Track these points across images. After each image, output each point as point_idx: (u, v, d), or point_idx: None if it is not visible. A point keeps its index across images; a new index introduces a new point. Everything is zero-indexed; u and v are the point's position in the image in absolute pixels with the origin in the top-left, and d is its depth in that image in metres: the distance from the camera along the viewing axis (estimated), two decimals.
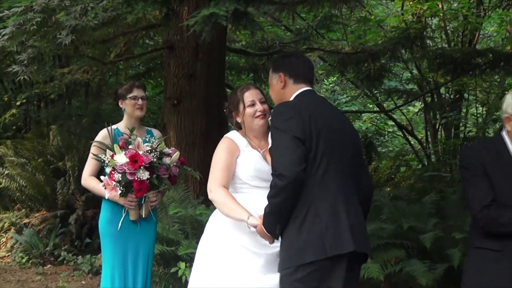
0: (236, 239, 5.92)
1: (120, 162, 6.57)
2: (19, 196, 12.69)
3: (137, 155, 6.56)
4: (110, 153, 6.70)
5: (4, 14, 8.33)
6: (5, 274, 11.07)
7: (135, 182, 6.61)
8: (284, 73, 5.53)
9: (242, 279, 6.00)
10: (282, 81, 5.54)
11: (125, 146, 6.70)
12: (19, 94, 13.76)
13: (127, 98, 7.16)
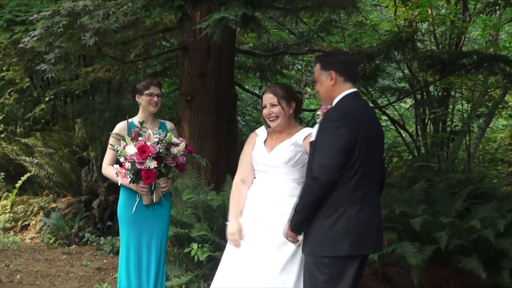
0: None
1: (130, 153, 6.73)
2: (47, 182, 12.70)
3: (145, 146, 6.69)
4: (123, 144, 6.84)
5: (33, 17, 8.32)
6: (34, 254, 11.09)
7: (143, 171, 6.74)
8: (335, 71, 5.51)
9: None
10: (332, 78, 5.51)
11: (137, 138, 6.81)
12: (47, 90, 13.75)
13: (144, 93, 7.26)
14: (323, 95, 5.65)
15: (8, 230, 12.56)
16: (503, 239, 8.38)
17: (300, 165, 6.06)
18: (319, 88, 5.65)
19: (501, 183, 13.04)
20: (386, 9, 14.57)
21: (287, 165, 6.07)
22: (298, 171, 6.06)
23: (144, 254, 7.31)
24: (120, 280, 7.43)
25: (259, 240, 6.08)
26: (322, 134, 5.31)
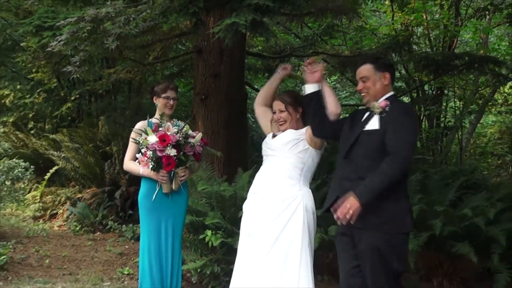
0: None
1: (151, 142, 6.80)
2: (74, 175, 12.73)
3: (165, 135, 6.78)
4: (144, 135, 6.90)
5: (60, 23, 8.32)
6: (62, 240, 11.13)
7: (164, 158, 6.80)
8: (390, 74, 5.71)
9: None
10: (387, 80, 5.66)
11: (157, 129, 6.89)
12: (73, 90, 13.77)
13: (161, 96, 7.33)
14: (374, 92, 5.66)
15: (38, 218, 12.60)
16: (493, 226, 8.40)
17: (298, 151, 6.13)
18: (371, 85, 5.67)
19: (491, 174, 13.03)
20: (384, 15, 14.55)
21: (286, 148, 6.17)
22: (295, 156, 6.14)
23: (163, 240, 7.32)
24: (141, 264, 7.46)
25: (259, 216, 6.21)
26: (404, 120, 5.47)
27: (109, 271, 9.47)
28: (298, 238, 5.97)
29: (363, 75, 5.72)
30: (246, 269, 6.22)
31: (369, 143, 5.51)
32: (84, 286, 8.55)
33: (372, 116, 5.57)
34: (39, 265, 9.56)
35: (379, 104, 5.54)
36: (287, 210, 6.02)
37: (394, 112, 5.48)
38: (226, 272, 8.47)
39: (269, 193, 6.12)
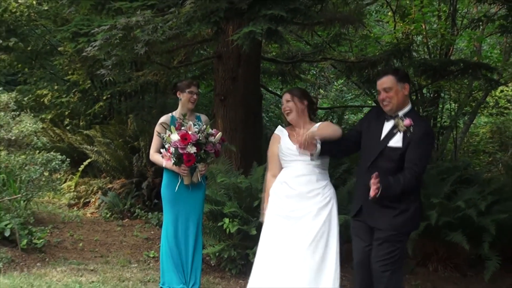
0: (271, 209, 6.34)
1: (174, 139, 6.91)
2: (105, 167, 12.76)
3: (186, 134, 6.88)
4: (168, 132, 7.01)
5: (94, 30, 8.35)
6: (94, 226, 11.16)
7: (184, 155, 6.91)
8: (409, 84, 5.85)
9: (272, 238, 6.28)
10: (407, 90, 5.77)
11: (180, 127, 6.99)
12: (105, 90, 13.81)
13: (185, 91, 7.42)
14: (396, 102, 5.72)
15: (72, 206, 12.64)
16: (484, 217, 8.43)
17: (319, 154, 6.13)
18: (394, 95, 5.71)
19: (483, 170, 12.98)
20: (387, 24, 14.49)
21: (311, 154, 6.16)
22: (321, 159, 6.20)
23: (183, 226, 7.41)
24: (163, 248, 7.51)
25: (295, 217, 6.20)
26: (425, 144, 5.68)
27: (136, 254, 9.50)
28: (336, 228, 6.11)
29: (386, 86, 5.75)
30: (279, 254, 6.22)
31: (391, 158, 5.64)
32: (114, 267, 8.58)
33: (396, 132, 5.65)
34: (73, 248, 9.60)
35: (404, 123, 5.62)
36: (328, 206, 6.13)
37: (417, 133, 5.58)
38: (241, 256, 8.50)
39: (311, 195, 6.15)
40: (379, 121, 5.90)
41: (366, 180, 5.59)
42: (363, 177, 5.74)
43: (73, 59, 12.73)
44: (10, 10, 13.50)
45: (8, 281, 6.89)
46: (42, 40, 13.86)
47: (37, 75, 14.82)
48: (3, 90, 10.54)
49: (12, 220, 8.61)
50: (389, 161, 5.62)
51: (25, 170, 8.06)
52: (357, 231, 5.97)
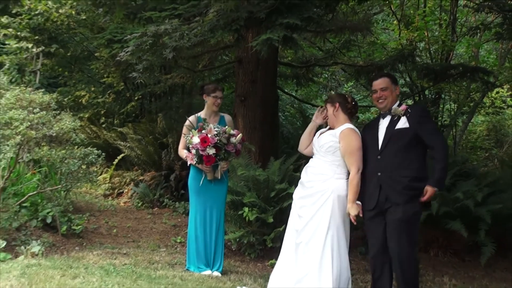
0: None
1: (195, 142, 7.09)
2: (136, 161, 12.81)
3: (206, 137, 7.05)
4: (191, 134, 7.15)
5: (127, 37, 8.38)
6: (127, 214, 11.21)
7: (204, 156, 7.09)
8: (398, 86, 6.33)
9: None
10: (398, 91, 6.26)
11: (201, 130, 7.13)
12: (137, 92, 13.84)
13: (210, 95, 7.50)
14: (390, 99, 6.07)
15: (108, 196, 12.69)
16: (480, 207, 8.40)
17: (333, 151, 6.16)
18: (389, 94, 6.07)
19: (480, 165, 12.92)
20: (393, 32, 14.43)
21: (322, 149, 6.25)
22: (331, 155, 6.18)
23: (207, 215, 7.48)
24: (189, 234, 7.56)
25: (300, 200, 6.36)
26: (430, 120, 6.23)
27: (165, 240, 9.52)
28: (325, 222, 6.04)
29: (383, 86, 6.09)
30: (290, 242, 6.40)
31: (400, 138, 5.84)
32: (144, 251, 8.60)
33: (398, 119, 5.90)
34: (108, 233, 9.63)
35: (401, 109, 5.93)
36: (319, 200, 6.11)
37: (416, 112, 5.92)
38: (259, 241, 8.52)
39: (308, 186, 6.26)
40: (372, 125, 6.28)
41: (379, 166, 5.88)
42: (375, 166, 5.94)
43: (108, 64, 12.78)
44: (51, 20, 13.56)
45: (50, 263, 6.93)
46: (80, 46, 13.91)
47: (76, 78, 14.88)
48: (45, 91, 10.57)
49: (53, 208, 8.65)
50: (399, 141, 5.84)
51: (65, 163, 8.09)
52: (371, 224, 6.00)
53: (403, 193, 5.74)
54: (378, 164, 5.88)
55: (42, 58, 14.46)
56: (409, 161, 5.78)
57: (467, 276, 8.43)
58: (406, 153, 5.79)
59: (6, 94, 8.17)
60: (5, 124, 7.49)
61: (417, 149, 5.82)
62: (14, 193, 8.50)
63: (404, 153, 5.78)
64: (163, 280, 6.82)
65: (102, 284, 6.19)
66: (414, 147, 5.79)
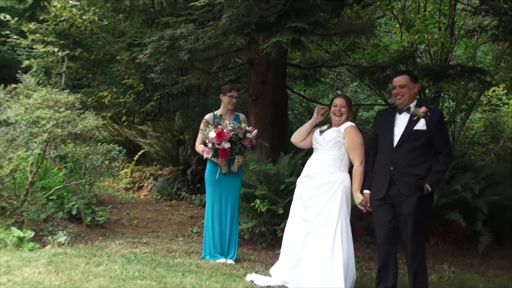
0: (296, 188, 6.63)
1: (211, 136, 7.12)
2: (156, 156, 12.83)
3: (222, 132, 7.09)
4: (207, 130, 7.19)
5: (146, 41, 8.38)
6: (147, 206, 11.24)
7: (219, 150, 7.11)
8: (418, 85, 6.19)
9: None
10: (416, 89, 6.13)
11: (217, 126, 7.18)
12: (156, 92, 13.85)
13: (226, 95, 7.55)
14: (408, 97, 5.99)
15: (129, 189, 12.73)
16: (478, 199, 8.40)
17: (338, 146, 6.30)
18: (407, 91, 5.99)
19: (477, 159, 12.88)
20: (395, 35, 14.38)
21: (329, 144, 6.33)
22: (337, 150, 6.30)
23: (223, 207, 7.51)
24: (205, 225, 7.58)
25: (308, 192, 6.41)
26: (443, 126, 6.07)
27: (182, 230, 9.54)
28: (336, 211, 6.16)
29: (402, 83, 6.02)
30: (296, 231, 6.42)
31: (418, 140, 5.82)
32: (163, 240, 8.62)
33: (417, 120, 5.86)
34: (129, 224, 9.66)
35: (421, 110, 5.88)
36: (329, 190, 6.22)
37: (435, 117, 5.90)
38: (270, 231, 8.53)
39: (317, 177, 6.31)
40: (388, 117, 6.14)
41: (392, 161, 5.88)
42: (389, 160, 5.92)
43: (128, 66, 12.79)
44: (76, 25, 13.62)
45: (75, 252, 6.96)
46: (103, 50, 13.94)
47: (98, 79, 14.93)
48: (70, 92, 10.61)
49: (78, 201, 8.68)
50: (415, 142, 5.81)
51: (89, 159, 8.12)
52: (380, 212, 6.00)
53: (412, 189, 5.75)
54: (392, 159, 5.88)
55: (67, 61, 14.52)
56: (420, 160, 5.79)
57: (465, 264, 8.41)
58: (419, 153, 5.79)
59: (33, 94, 8.22)
60: (33, 123, 7.53)
61: (429, 151, 5.83)
62: (41, 187, 8.54)
63: (418, 153, 5.79)
64: (180, 267, 6.83)
65: (123, 271, 6.21)
66: (427, 148, 5.81)
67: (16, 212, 7.56)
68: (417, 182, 5.75)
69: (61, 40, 13.79)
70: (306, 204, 6.34)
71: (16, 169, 7.40)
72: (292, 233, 6.46)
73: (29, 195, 7.85)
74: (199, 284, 6.04)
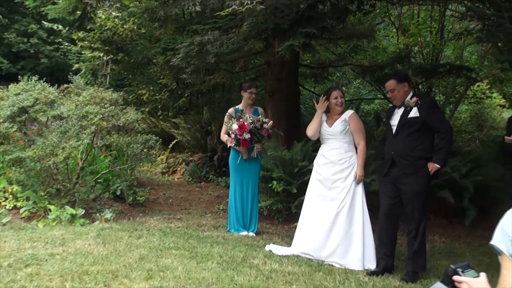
0: (314, 175, 6.62)
1: (234, 128, 7.24)
2: (187, 145, 12.86)
3: (243, 124, 7.20)
4: (231, 122, 7.29)
5: (178, 46, 8.39)
6: (180, 187, 11.28)
7: (241, 140, 7.20)
8: (408, 83, 5.98)
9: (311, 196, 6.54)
10: (406, 87, 5.93)
11: (239, 119, 7.27)
12: (186, 90, 13.86)
13: (247, 91, 7.59)
14: (400, 97, 5.92)
15: (164, 173, 12.77)
16: (465, 179, 8.39)
17: (348, 133, 6.38)
18: (397, 93, 5.93)
19: (464, 145, 12.80)
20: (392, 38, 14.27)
21: (342, 134, 6.38)
22: (348, 136, 6.40)
23: (244, 187, 7.57)
24: (230, 203, 7.62)
25: (330, 179, 6.40)
26: (437, 110, 5.92)
27: (210, 207, 9.57)
28: (360, 188, 6.34)
29: (390, 88, 5.99)
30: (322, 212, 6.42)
31: (412, 126, 5.78)
32: (194, 216, 8.66)
33: (411, 109, 5.79)
34: (165, 203, 9.71)
35: (412, 101, 5.82)
36: (352, 172, 6.32)
37: (425, 104, 5.81)
38: (286, 208, 8.56)
39: (340, 163, 6.35)
40: (390, 113, 6.15)
41: (394, 145, 5.87)
42: (392, 144, 5.92)
43: (163, 68, 12.79)
44: (118, 33, 13.66)
45: (119, 227, 7.01)
46: (141, 54, 13.95)
47: (138, 79, 14.95)
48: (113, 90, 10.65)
49: (121, 183, 8.74)
50: (410, 128, 5.77)
51: (130, 147, 8.15)
52: (384, 188, 6.00)
53: (410, 168, 5.74)
54: (393, 145, 5.91)
55: (111, 64, 14.61)
56: (417, 143, 5.76)
57: (454, 235, 8.38)
58: (416, 137, 5.75)
59: (83, 93, 8.27)
60: (83, 117, 7.58)
61: (425, 134, 5.78)
62: (90, 171, 8.61)
63: (414, 137, 5.76)
64: (209, 239, 6.86)
65: (161, 243, 6.25)
66: (423, 133, 5.75)
67: (69, 193, 7.63)
68: (415, 162, 5.73)
69: (105, 46, 13.84)
70: (331, 186, 6.35)
71: (68, 156, 7.46)
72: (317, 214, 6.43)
73: (80, 179, 7.92)
74: (225, 253, 6.06)
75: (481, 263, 6.72)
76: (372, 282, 5.56)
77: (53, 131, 7.85)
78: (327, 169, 6.40)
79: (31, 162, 7.42)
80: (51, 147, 7.35)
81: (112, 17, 13.48)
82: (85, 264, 5.19)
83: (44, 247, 5.78)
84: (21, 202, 7.42)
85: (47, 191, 7.56)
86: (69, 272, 4.90)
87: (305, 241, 6.43)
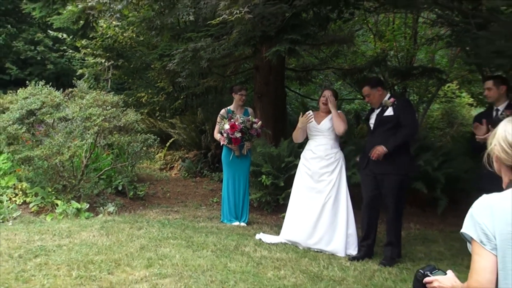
0: (301, 169, 6.60)
1: (226, 128, 7.25)
2: (183, 143, 12.82)
3: (234, 124, 7.21)
4: (223, 122, 7.29)
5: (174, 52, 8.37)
6: (177, 182, 11.24)
7: (233, 138, 7.22)
8: (381, 87, 5.97)
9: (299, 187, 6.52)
10: (380, 91, 5.92)
11: (231, 119, 7.28)
12: (182, 92, 13.83)
13: (237, 93, 7.58)
14: (375, 102, 5.96)
15: (162, 169, 12.72)
16: (437, 171, 8.46)
17: (333, 130, 6.41)
18: (372, 98, 5.97)
19: (436, 140, 12.84)
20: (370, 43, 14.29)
21: (329, 130, 6.43)
22: (334, 134, 6.42)
23: (236, 181, 7.58)
24: (223, 196, 7.63)
25: (318, 173, 6.40)
26: (408, 108, 5.88)
27: (205, 200, 9.56)
28: (345, 181, 6.35)
29: (365, 94, 6.06)
30: (310, 203, 6.43)
31: (387, 123, 5.83)
32: (190, 209, 8.65)
33: (387, 108, 5.84)
34: (163, 197, 9.69)
35: (390, 101, 5.87)
36: (337, 166, 6.35)
37: (400, 104, 5.86)
38: (274, 200, 8.58)
39: (327, 158, 6.36)
40: (370, 113, 6.17)
41: (372, 141, 5.89)
42: (370, 140, 5.97)
43: (160, 72, 12.75)
44: (118, 41, 13.61)
45: (121, 219, 7.00)
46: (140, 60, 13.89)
47: (137, 83, 14.88)
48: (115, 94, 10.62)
49: (123, 179, 8.72)
50: (386, 125, 5.80)
51: (130, 146, 8.13)
52: (365, 182, 6.02)
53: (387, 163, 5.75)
54: (371, 141, 5.96)
55: (112, 69, 14.54)
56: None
57: (427, 223, 8.43)
58: (391, 134, 5.76)
59: (86, 96, 8.24)
60: (86, 118, 7.56)
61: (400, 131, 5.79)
62: (94, 168, 8.58)
63: (389, 134, 5.77)
64: (204, 229, 6.87)
65: (159, 233, 6.25)
66: (397, 130, 5.77)
67: (74, 188, 7.61)
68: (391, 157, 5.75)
69: (107, 53, 13.78)
70: (318, 179, 6.36)
71: (73, 155, 7.45)
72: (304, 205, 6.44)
73: (84, 175, 7.90)
74: (219, 242, 6.08)
75: (452, 247, 6.78)
76: (353, 266, 5.60)
77: (59, 131, 7.82)
78: (315, 163, 6.42)
79: (39, 160, 7.40)
80: (57, 147, 7.32)
81: (112, 26, 13.42)
82: (90, 254, 5.18)
83: (52, 239, 5.77)
84: (30, 198, 7.40)
85: (54, 187, 7.55)
86: (75, 261, 4.89)
87: (293, 230, 6.45)
